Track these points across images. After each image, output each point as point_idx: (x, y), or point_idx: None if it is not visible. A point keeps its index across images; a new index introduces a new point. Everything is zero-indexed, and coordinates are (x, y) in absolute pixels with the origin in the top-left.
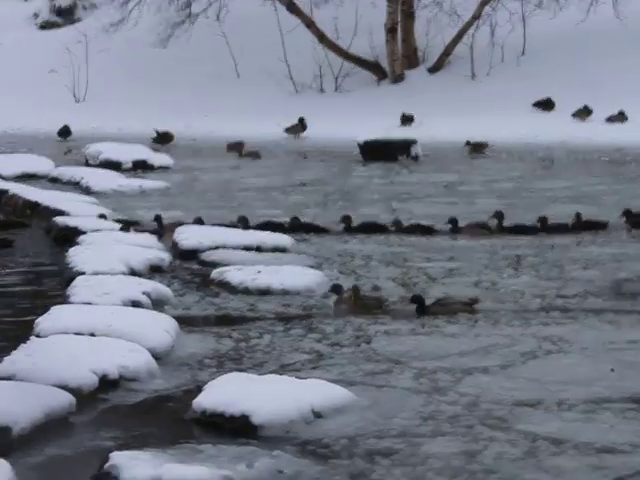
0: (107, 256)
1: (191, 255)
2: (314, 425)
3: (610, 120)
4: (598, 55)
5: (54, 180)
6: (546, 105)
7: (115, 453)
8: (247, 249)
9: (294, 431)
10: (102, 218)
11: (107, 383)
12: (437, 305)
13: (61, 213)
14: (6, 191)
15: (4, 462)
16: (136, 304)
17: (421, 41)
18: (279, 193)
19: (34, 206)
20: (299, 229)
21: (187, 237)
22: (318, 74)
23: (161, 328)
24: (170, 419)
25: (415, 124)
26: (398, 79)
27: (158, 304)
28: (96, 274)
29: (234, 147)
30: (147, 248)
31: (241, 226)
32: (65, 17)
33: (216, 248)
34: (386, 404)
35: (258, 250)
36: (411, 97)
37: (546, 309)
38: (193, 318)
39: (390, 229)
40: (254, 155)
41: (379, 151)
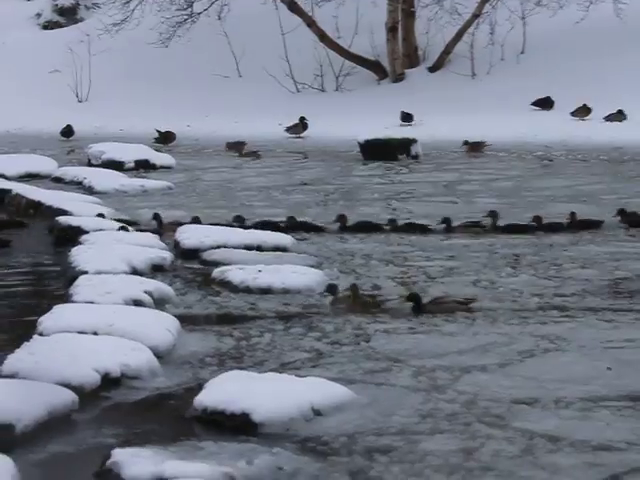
0: (109, 255)
1: (192, 254)
2: (314, 423)
3: (609, 119)
4: (598, 54)
5: (57, 180)
6: (545, 104)
7: (117, 450)
8: (248, 248)
9: (294, 429)
10: (100, 217)
11: (109, 381)
12: (433, 304)
13: (64, 213)
14: (9, 191)
15: (7, 459)
16: (138, 303)
17: (421, 40)
18: (280, 192)
19: (37, 206)
20: (295, 228)
21: (188, 236)
22: (319, 73)
23: (163, 327)
24: (171, 417)
25: (415, 123)
26: (399, 78)
27: (160, 303)
28: (98, 273)
29: (234, 146)
30: (149, 247)
31: (237, 225)
32: (68, 17)
33: (217, 247)
34: (385, 402)
35: (259, 249)
36: (411, 96)
37: (544, 308)
38: (194, 317)
39: (385, 228)
40: (254, 155)
41: (379, 150)
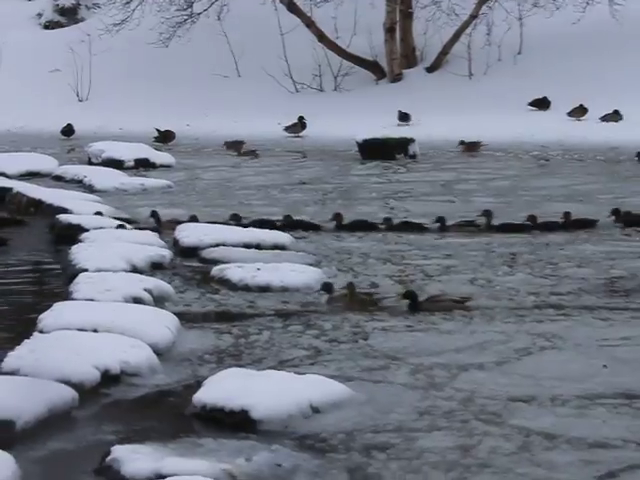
0: (109, 253)
1: (192, 252)
2: (312, 420)
3: (605, 119)
4: (594, 54)
5: (57, 178)
6: (542, 104)
7: (117, 447)
8: (247, 247)
9: (292, 426)
10: (98, 215)
11: (109, 378)
12: (429, 302)
13: (64, 211)
14: (10, 189)
15: (8, 455)
16: (138, 301)
17: (419, 41)
18: (279, 191)
19: (38, 204)
20: (291, 226)
21: (188, 235)
22: (317, 73)
23: (162, 324)
24: (171, 414)
25: (412, 122)
26: (396, 78)
27: (159, 301)
28: (98, 271)
29: (232, 146)
30: (149, 245)
31: (233, 223)
32: (68, 17)
33: (216, 246)
34: (383, 399)
35: (258, 248)
36: (409, 96)
37: (540, 306)
38: (194, 314)
39: (380, 227)
40: (252, 154)
41: (377, 150)
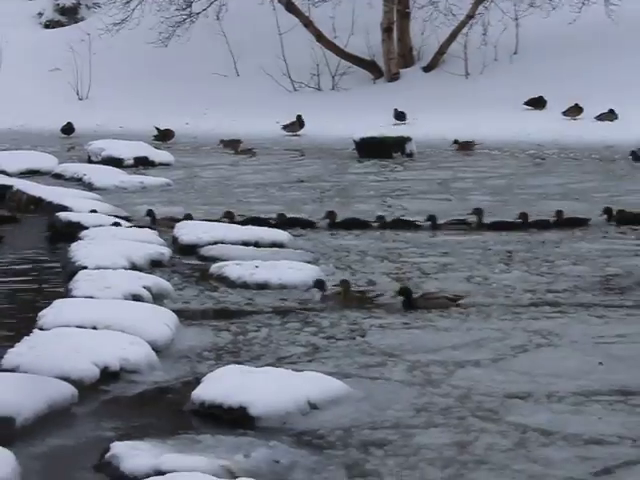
0: (109, 251)
1: (190, 250)
2: (310, 416)
3: (600, 118)
4: (589, 54)
5: (57, 176)
6: (537, 103)
7: (116, 443)
8: (245, 244)
9: (290, 422)
10: (93, 212)
11: (108, 375)
12: (423, 299)
13: (64, 208)
14: (11, 187)
15: (8, 452)
16: (137, 298)
17: (416, 40)
18: (277, 189)
19: (38, 201)
20: (285, 224)
21: (187, 232)
22: (315, 72)
23: (161, 321)
24: (169, 410)
25: (409, 121)
26: (394, 77)
27: (158, 298)
28: (98, 269)
29: (229, 144)
30: (148, 243)
31: (227, 221)
32: (69, 16)
33: (215, 243)
34: (380, 396)
35: (256, 245)
36: (406, 95)
37: (536, 304)
38: (192, 312)
39: (373, 225)
40: (250, 152)
41: (374, 148)
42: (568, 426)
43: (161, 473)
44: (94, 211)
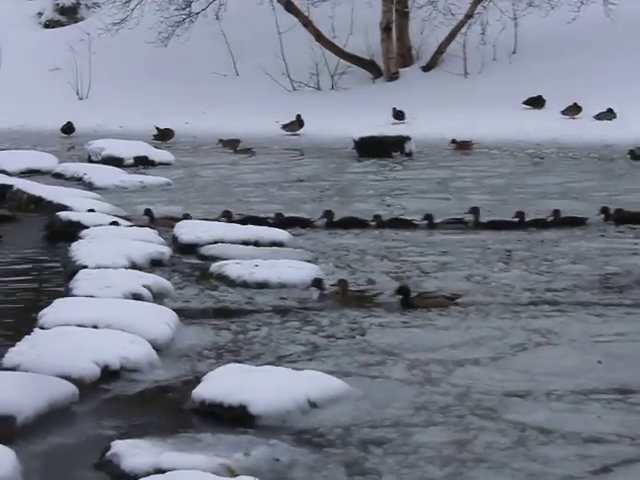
0: (109, 250)
1: (191, 249)
2: (310, 415)
3: (599, 117)
4: (588, 53)
5: (57, 176)
6: (536, 102)
7: (116, 442)
8: (245, 244)
9: (290, 421)
10: (91, 212)
11: (109, 374)
12: (420, 298)
13: (64, 208)
14: (11, 186)
15: (8, 450)
16: (137, 297)
17: (415, 40)
18: (276, 189)
19: (38, 201)
20: (282, 224)
21: (187, 232)
22: (315, 72)
23: (161, 320)
24: (170, 409)
25: (407, 120)
26: (393, 77)
27: (158, 297)
28: (98, 268)
29: (228, 144)
30: (148, 242)
31: (225, 221)
32: (68, 16)
33: (215, 243)
34: (380, 395)
35: (256, 245)
36: (405, 94)
37: (535, 302)
38: (192, 311)
39: (370, 224)
40: (249, 152)
41: (374, 147)
42: (567, 424)
43: (161, 471)
44: (92, 210)
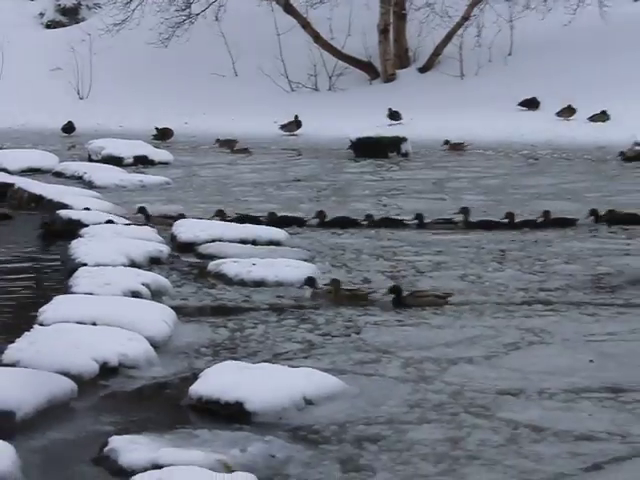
0: (108, 248)
1: (189, 248)
2: (305, 412)
3: (593, 119)
4: (583, 56)
5: (58, 174)
6: (531, 104)
7: (114, 437)
8: (243, 242)
9: (286, 418)
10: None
11: (107, 370)
12: (412, 297)
13: (64, 206)
14: (12, 185)
15: (8, 445)
16: (136, 294)
17: (412, 42)
18: (274, 188)
19: (38, 199)
20: (275, 223)
21: (185, 230)
22: (313, 73)
23: (159, 318)
24: (167, 405)
25: (403, 121)
26: (390, 78)
27: (157, 295)
28: (97, 265)
29: (225, 143)
30: (147, 241)
31: (219, 219)
32: (70, 16)
33: (213, 241)
34: (375, 392)
35: (254, 243)
36: (402, 96)
37: (529, 302)
38: (190, 308)
39: (362, 223)
40: (245, 151)
41: (370, 148)
42: (559, 422)
43: (158, 467)
44: (87, 209)
